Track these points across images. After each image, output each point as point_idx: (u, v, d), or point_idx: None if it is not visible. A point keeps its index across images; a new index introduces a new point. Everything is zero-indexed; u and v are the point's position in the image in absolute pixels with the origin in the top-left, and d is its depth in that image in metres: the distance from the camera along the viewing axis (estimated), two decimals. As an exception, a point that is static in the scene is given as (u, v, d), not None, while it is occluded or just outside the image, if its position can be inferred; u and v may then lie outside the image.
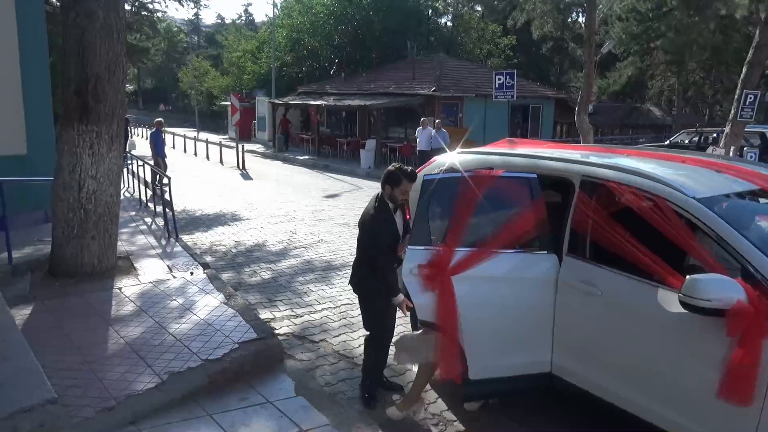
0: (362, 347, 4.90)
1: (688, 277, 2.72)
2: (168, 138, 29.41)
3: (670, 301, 2.91)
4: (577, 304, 3.42)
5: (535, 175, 3.64)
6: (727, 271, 2.76)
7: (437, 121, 17.23)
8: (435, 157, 4.83)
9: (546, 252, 3.58)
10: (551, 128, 25.67)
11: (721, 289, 2.63)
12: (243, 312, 5.14)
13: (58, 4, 15.88)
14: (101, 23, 5.52)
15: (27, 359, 3.74)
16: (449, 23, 38.44)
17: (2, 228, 6.07)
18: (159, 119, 16.08)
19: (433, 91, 20.74)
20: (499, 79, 17.27)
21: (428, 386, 4.20)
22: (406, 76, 23.87)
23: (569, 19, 42.42)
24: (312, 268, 7.33)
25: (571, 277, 3.44)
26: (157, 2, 23.83)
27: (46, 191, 9.36)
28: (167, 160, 14.68)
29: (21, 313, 4.94)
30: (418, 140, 16.80)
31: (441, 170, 4.12)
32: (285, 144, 25.73)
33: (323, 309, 5.83)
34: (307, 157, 23.00)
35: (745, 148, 16.83)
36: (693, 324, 2.80)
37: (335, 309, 5.83)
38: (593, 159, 3.67)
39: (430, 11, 35.71)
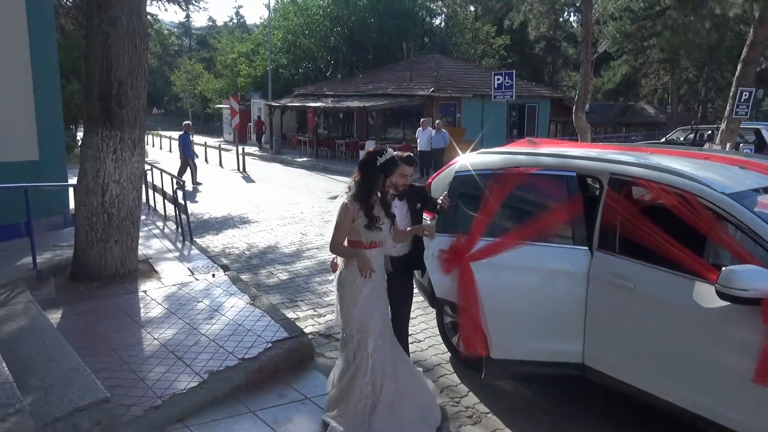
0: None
1: (724, 268, 2.83)
2: (164, 142, 29.49)
3: (704, 292, 3.04)
4: (609, 297, 3.54)
5: (574, 174, 3.79)
6: (759, 262, 2.90)
7: (437, 121, 17.36)
8: (457, 158, 4.93)
9: (578, 246, 3.71)
10: (547, 127, 25.93)
11: (757, 279, 2.75)
12: (270, 312, 5.23)
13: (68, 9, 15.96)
14: (125, 29, 5.59)
15: (73, 360, 3.82)
16: (443, 24, 38.62)
17: (27, 233, 6.12)
18: (187, 122, 16.72)
19: (432, 91, 20.90)
20: (498, 80, 17.41)
21: (458, 380, 4.33)
22: (403, 76, 24.02)
23: (561, 19, 42.76)
24: (327, 269, 7.41)
25: (603, 270, 3.56)
26: (154, 4, 23.84)
27: (59, 196, 9.45)
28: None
29: (52, 317, 5.01)
30: (418, 140, 16.94)
31: (473, 167, 4.28)
32: (274, 145, 25.87)
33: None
34: (305, 158, 23.08)
35: (740, 145, 17.09)
36: (727, 313, 2.93)
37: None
38: (621, 157, 3.76)
39: (425, 12, 35.90)
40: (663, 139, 21.02)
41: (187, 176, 14.88)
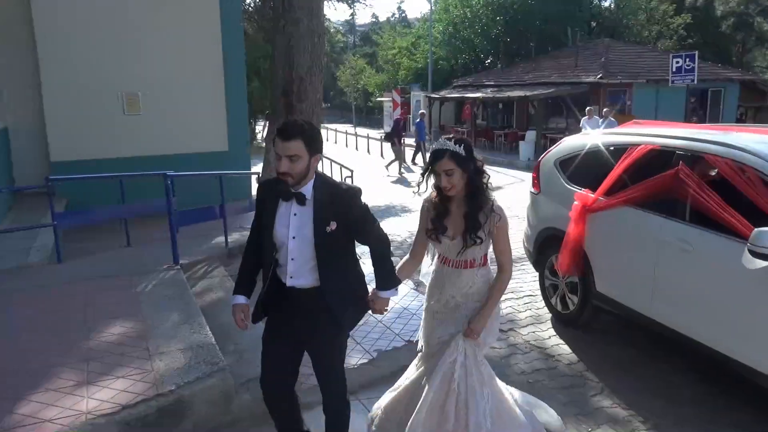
0: (551, 340, 4.92)
1: (754, 229, 3.21)
2: (331, 134, 31.29)
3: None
4: (674, 259, 3.91)
5: (683, 152, 4.02)
6: None
7: (605, 109, 16.37)
8: (564, 138, 5.73)
9: (656, 213, 4.10)
10: (734, 113, 23.14)
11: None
12: (433, 298, 5.36)
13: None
14: (305, 29, 6.05)
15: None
16: (613, 6, 36.12)
17: (221, 215, 6.91)
18: (422, 111, 20.44)
19: (600, 78, 19.72)
20: (677, 62, 16.01)
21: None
22: (568, 63, 22.96)
23: (756, -10, 37.78)
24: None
25: (671, 235, 3.93)
26: (325, 4, 25.26)
27: (244, 183, 10.51)
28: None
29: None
30: (583, 130, 16.11)
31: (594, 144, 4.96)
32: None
33: (506, 299, 5.87)
34: (463, 150, 23.04)
35: None
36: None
37: (519, 300, 5.86)
38: (696, 135, 4.07)
39: (592, -6, 33.92)
40: None
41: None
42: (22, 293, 5.17)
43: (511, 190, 13.27)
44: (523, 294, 6.02)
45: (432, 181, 2.81)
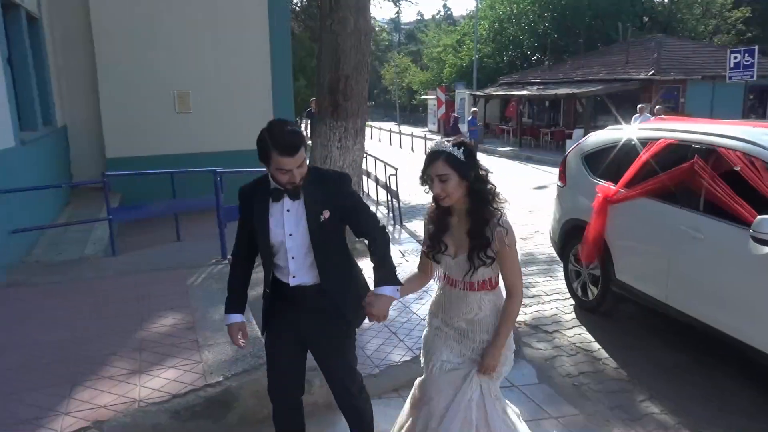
0: (594, 344, 4.81)
1: (757, 216, 3.37)
2: (375, 132, 31.40)
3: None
4: (687, 246, 4.09)
5: (698, 146, 4.17)
6: None
7: (656, 107, 15.87)
8: (590, 134, 5.94)
9: (671, 203, 4.29)
10: (797, 111, 22.08)
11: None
12: (477, 298, 5.33)
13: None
14: (352, 28, 6.08)
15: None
16: (666, 0, 34.97)
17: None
18: (475, 109, 20.90)
19: (652, 74, 19.15)
20: (735, 58, 15.43)
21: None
22: (618, 60, 22.39)
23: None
24: (533, 260, 7.30)
25: (684, 224, 4.11)
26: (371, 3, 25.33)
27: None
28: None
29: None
30: (633, 128, 15.70)
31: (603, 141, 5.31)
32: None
33: (552, 301, 5.79)
34: (508, 148, 22.80)
35: None
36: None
37: (564, 302, 5.76)
38: (710, 130, 4.22)
39: (645, -12, 32.88)
40: None
41: None
42: (79, 284, 5.40)
43: (555, 188, 13.02)
44: (569, 296, 5.90)
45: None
